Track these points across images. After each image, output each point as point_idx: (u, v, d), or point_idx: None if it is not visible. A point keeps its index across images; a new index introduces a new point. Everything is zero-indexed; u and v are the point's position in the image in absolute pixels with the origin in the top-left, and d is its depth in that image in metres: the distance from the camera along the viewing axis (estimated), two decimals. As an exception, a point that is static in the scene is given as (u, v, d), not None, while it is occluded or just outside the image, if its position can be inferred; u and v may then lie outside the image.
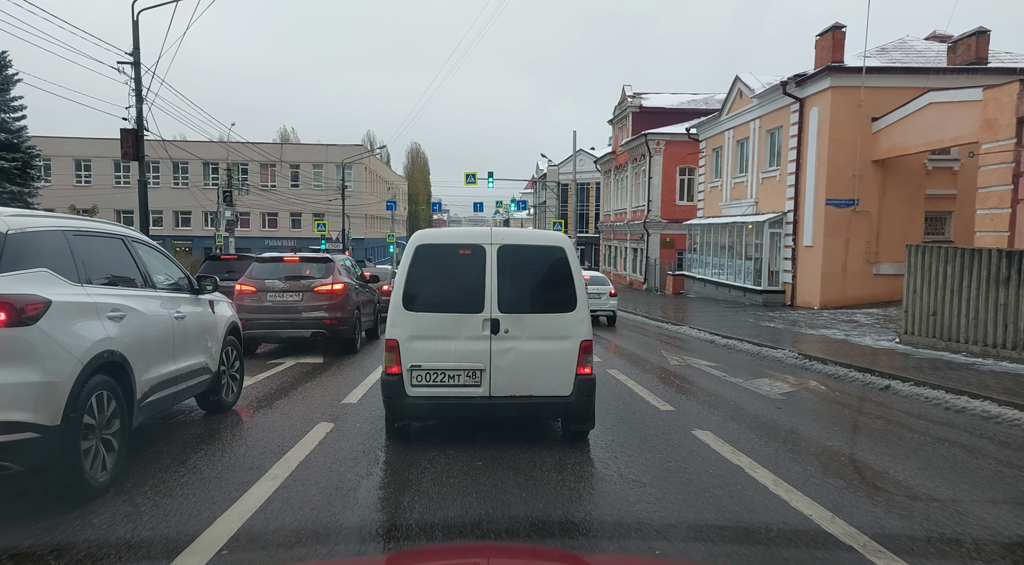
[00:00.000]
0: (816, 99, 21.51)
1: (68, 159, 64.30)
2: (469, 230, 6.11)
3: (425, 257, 5.81)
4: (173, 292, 6.11)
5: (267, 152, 59.32)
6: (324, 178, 65.59)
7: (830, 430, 6.94)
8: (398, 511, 4.33)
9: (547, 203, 74.65)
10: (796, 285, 22.92)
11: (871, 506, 4.53)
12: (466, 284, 5.71)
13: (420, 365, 5.62)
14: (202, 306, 6.62)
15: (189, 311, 6.18)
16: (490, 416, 5.98)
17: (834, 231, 20.97)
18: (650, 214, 37.91)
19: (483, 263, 5.72)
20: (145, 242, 6.00)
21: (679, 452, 5.89)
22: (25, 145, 33.28)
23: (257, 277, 11.85)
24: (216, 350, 6.76)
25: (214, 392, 6.84)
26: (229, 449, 5.76)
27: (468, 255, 5.77)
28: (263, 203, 62.87)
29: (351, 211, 61.35)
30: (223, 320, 7.11)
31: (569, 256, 5.87)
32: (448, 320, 5.69)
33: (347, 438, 6.15)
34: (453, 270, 5.81)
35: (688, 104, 41.68)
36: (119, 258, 5.36)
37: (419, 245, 5.84)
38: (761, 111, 25.39)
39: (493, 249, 5.75)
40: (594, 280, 19.00)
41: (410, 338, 5.66)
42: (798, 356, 11.61)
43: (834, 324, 16.68)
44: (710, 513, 4.35)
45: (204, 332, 6.50)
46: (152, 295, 5.56)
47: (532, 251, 5.96)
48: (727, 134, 29.04)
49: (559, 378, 5.70)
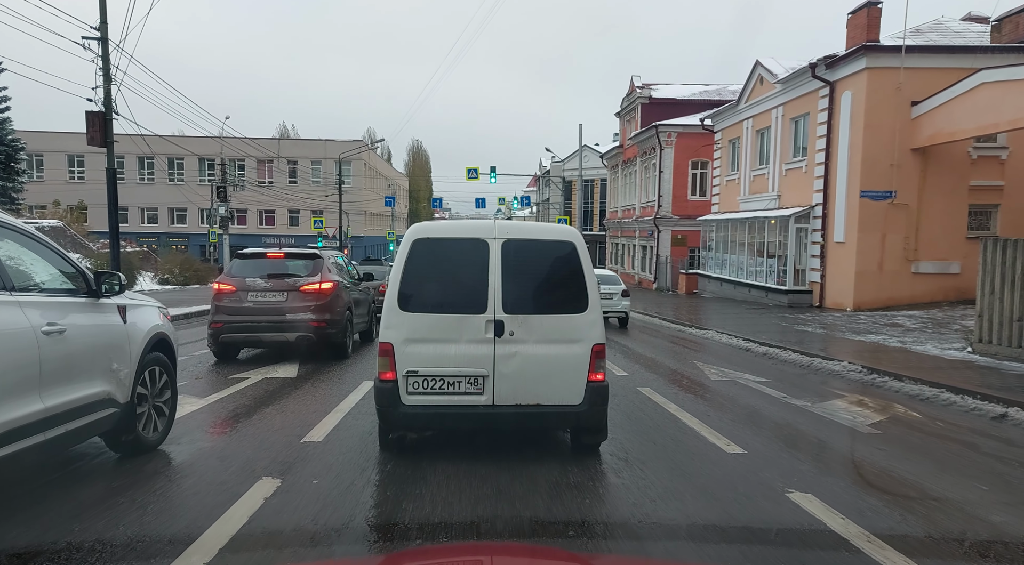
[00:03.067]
0: (849, 82, 19.72)
1: (61, 155, 62.67)
2: (471, 223, 5.75)
3: (422, 252, 5.29)
4: (49, 295, 4.47)
5: (264, 147, 57.57)
6: (323, 174, 63.72)
7: (969, 486, 5.01)
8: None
9: (550, 200, 72.99)
10: (825, 285, 21.12)
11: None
12: (467, 282, 5.25)
13: (417, 371, 5.15)
14: (103, 315, 4.96)
15: (75, 322, 4.50)
16: (493, 427, 5.48)
17: (869, 226, 19.20)
18: (661, 210, 36.12)
19: (486, 259, 5.22)
20: (6, 224, 4.31)
21: (788, 538, 4.03)
22: (8, 137, 31.64)
23: (237, 275, 10.73)
24: (128, 373, 5.10)
25: (126, 430, 5.16)
26: (113, 529, 3.87)
27: (469, 250, 5.27)
28: (260, 200, 61.19)
29: (350, 208, 59.69)
30: (139, 332, 5.34)
31: (580, 251, 5.35)
32: (448, 322, 5.21)
33: (292, 510, 4.25)
34: (453, 267, 5.32)
35: (700, 95, 39.88)
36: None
37: (416, 239, 5.32)
38: (785, 98, 23.60)
39: (497, 244, 5.25)
40: (605, 279, 17.52)
41: (406, 341, 5.16)
42: (861, 369, 9.84)
43: (878, 329, 14.92)
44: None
45: (104, 350, 4.84)
46: (1, 300, 3.89)
47: (539, 246, 5.49)
48: (745, 124, 27.25)
49: (569, 385, 5.21)
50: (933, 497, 4.78)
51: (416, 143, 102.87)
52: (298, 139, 72.62)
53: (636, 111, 41.56)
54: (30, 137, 59.95)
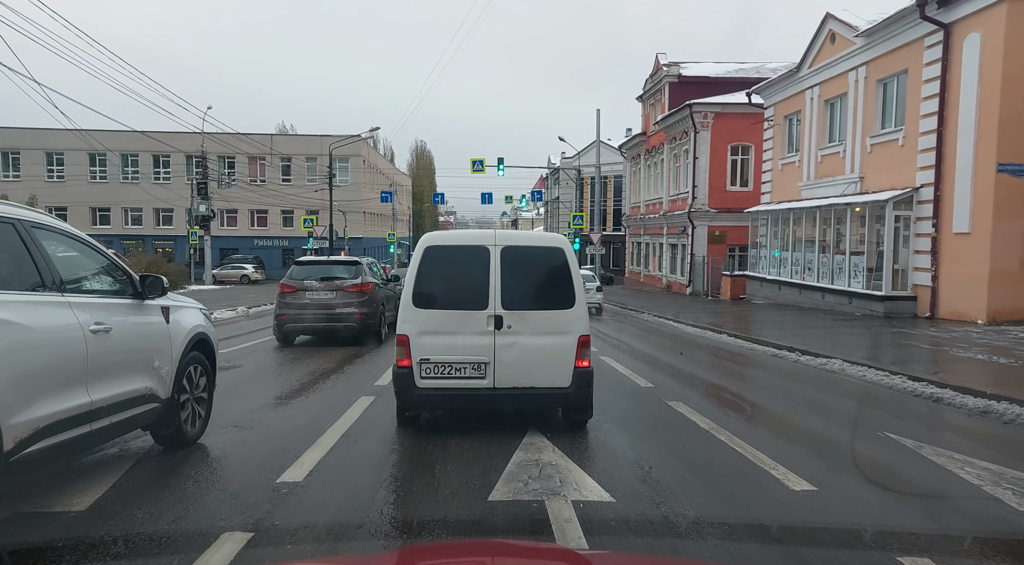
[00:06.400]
0: (977, 21, 14.98)
1: (39, 152, 58.27)
2: (475, 232, 6.76)
3: (433, 258, 6.08)
4: (98, 296, 4.83)
5: (258, 142, 53.10)
6: (318, 171, 58.78)
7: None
8: None
9: (560, 198, 68.45)
10: (938, 289, 16.33)
11: None
12: (472, 283, 5.98)
13: (429, 359, 5.90)
14: (147, 315, 5.26)
15: (120, 322, 4.78)
16: (494, 406, 6.24)
17: (1008, 211, 14.47)
18: (695, 202, 31.37)
19: (487, 263, 5.97)
20: (57, 228, 4.61)
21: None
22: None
23: (296, 278, 13.14)
24: (169, 371, 5.37)
25: (167, 424, 5.40)
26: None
27: (473, 255, 6.03)
28: (252, 199, 56.63)
29: (348, 207, 55.08)
30: (181, 332, 5.62)
31: (568, 256, 6.13)
32: (455, 317, 5.98)
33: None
34: (459, 270, 6.11)
35: (736, 73, 35.08)
36: (2, 250, 4.05)
37: (428, 247, 6.12)
38: (869, 55, 18.87)
39: (497, 250, 6.00)
40: (583, 277, 18.08)
41: (419, 333, 5.93)
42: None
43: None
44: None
45: (147, 348, 5.15)
46: (53, 301, 4.19)
47: (533, 252, 6.26)
48: (809, 94, 22.53)
49: (559, 371, 5.94)
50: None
51: (420, 143, 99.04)
52: (293, 134, 68.03)
53: (662, 93, 36.85)
54: (6, 134, 56.06)
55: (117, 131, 39.82)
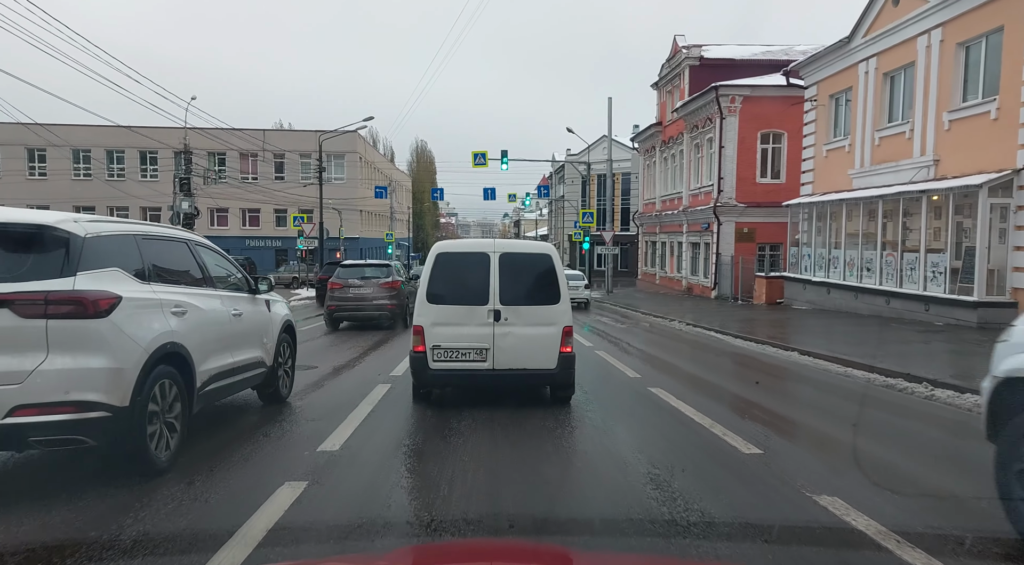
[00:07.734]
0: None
1: (19, 148, 55.29)
2: (478, 241, 7.83)
3: (443, 262, 7.40)
4: (232, 291, 6.68)
5: (250, 137, 50.11)
6: (313, 169, 55.70)
7: None
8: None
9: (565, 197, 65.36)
10: (1049, 293, 13.28)
11: None
12: (475, 283, 7.21)
13: (440, 345, 7.12)
14: (258, 305, 7.14)
15: (246, 309, 6.72)
16: (493, 384, 7.41)
17: None
18: (722, 196, 28.31)
19: (488, 267, 7.24)
20: (208, 246, 6.62)
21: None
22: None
23: (342, 277, 16.75)
24: (271, 346, 7.23)
25: (270, 384, 7.33)
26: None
27: (476, 260, 7.32)
28: (243, 197, 53.67)
29: (344, 206, 51.97)
30: (278, 318, 7.61)
31: (555, 261, 7.44)
32: (461, 310, 7.18)
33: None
34: (465, 272, 7.36)
35: (763, 55, 31.99)
36: (183, 260, 5.99)
37: (439, 253, 7.49)
38: (947, 14, 15.82)
39: (496, 256, 7.30)
40: (572, 277, 23.34)
41: (432, 324, 7.14)
42: None
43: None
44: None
45: (260, 329, 7.02)
46: (212, 294, 6.13)
47: (526, 258, 7.65)
48: (862, 67, 19.47)
49: (547, 355, 7.17)
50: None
51: (420, 143, 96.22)
52: (286, 130, 64.87)
53: (681, 77, 33.80)
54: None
55: (102, 126, 37.02)
